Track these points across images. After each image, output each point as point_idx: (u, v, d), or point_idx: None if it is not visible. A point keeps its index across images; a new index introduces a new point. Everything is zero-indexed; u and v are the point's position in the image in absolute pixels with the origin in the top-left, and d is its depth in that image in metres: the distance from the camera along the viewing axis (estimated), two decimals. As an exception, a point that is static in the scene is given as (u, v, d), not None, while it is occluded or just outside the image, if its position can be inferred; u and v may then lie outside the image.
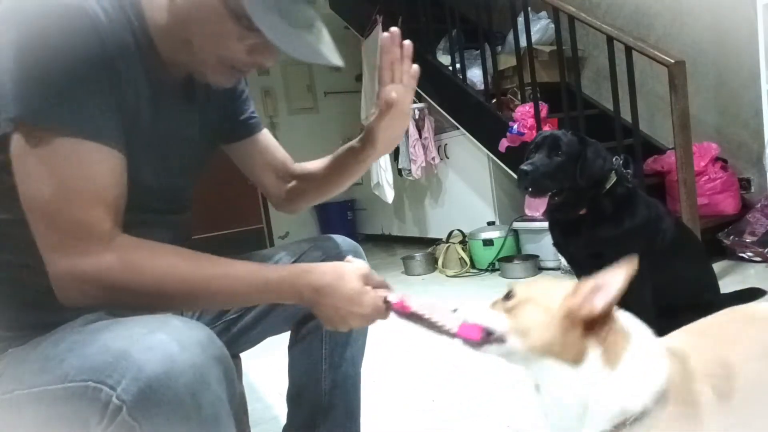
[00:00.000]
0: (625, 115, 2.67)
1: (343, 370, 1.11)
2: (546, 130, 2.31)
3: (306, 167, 1.14)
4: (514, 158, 3.09)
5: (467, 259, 3.35)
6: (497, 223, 3.49)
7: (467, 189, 3.76)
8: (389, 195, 3.95)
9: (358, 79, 4.45)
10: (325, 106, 5.52)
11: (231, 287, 0.76)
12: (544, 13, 3.52)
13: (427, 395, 1.66)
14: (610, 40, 2.56)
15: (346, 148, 1.06)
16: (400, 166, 3.97)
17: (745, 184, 3.00)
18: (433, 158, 3.80)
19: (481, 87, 3.47)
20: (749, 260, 2.64)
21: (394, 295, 0.81)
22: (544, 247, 3.09)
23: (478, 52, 3.50)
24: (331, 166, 1.09)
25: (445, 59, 3.73)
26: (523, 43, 3.10)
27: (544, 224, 2.82)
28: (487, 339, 0.73)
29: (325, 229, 5.20)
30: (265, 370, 1.65)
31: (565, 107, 2.90)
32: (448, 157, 3.84)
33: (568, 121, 2.87)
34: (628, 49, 2.49)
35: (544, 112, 2.95)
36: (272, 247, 1.14)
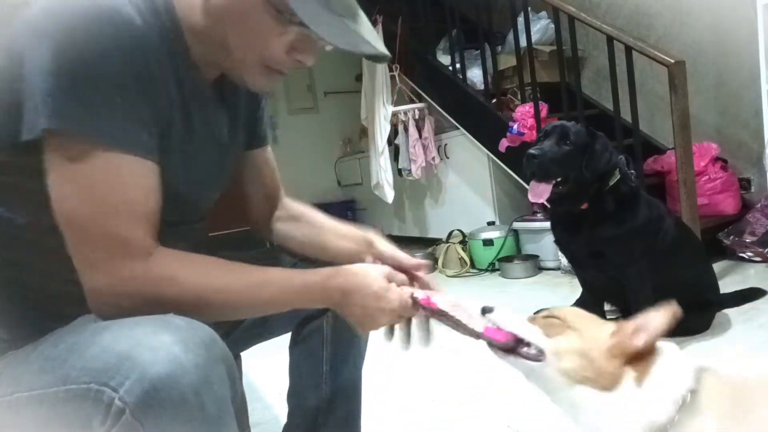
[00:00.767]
0: (625, 115, 2.67)
1: (345, 371, 1.10)
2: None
3: (299, 209, 1.11)
4: (514, 158, 3.09)
5: (467, 259, 3.35)
6: (497, 223, 3.49)
7: (467, 189, 3.75)
8: (389, 195, 3.95)
9: (358, 79, 4.44)
10: (325, 106, 5.51)
11: (269, 295, 0.77)
12: (544, 13, 3.52)
13: (427, 395, 1.66)
14: (610, 40, 2.56)
15: (346, 249, 1.02)
16: (400, 166, 3.96)
17: (745, 184, 3.00)
18: (433, 158, 3.80)
19: (481, 87, 3.47)
20: (749, 260, 2.64)
21: (421, 292, 0.83)
22: (544, 247, 3.09)
23: (478, 52, 3.50)
24: (321, 247, 1.05)
25: (445, 59, 3.72)
26: (523, 43, 3.10)
27: (545, 224, 2.82)
28: (519, 347, 0.76)
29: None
30: (265, 370, 1.65)
31: (565, 107, 2.90)
32: (448, 157, 3.84)
33: (568, 121, 2.86)
34: (628, 49, 2.49)
35: (544, 112, 2.95)
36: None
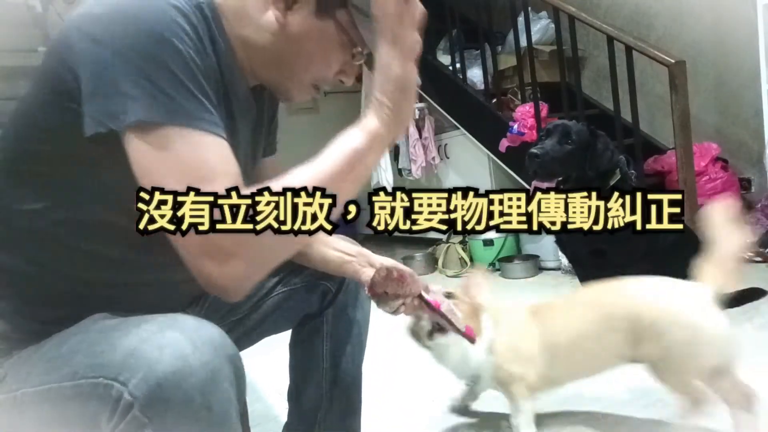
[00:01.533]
0: (626, 115, 2.67)
1: (344, 368, 1.11)
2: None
3: None
4: (514, 158, 3.09)
5: (467, 259, 3.35)
6: (497, 223, 3.48)
7: (467, 189, 3.75)
8: (389, 195, 3.95)
9: (358, 79, 4.44)
10: (325, 106, 5.50)
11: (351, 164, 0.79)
12: (544, 13, 3.52)
13: (427, 395, 1.66)
14: (611, 40, 2.56)
15: (344, 263, 1.04)
16: (400, 166, 3.96)
17: (745, 184, 3.00)
18: (433, 158, 3.80)
19: (481, 87, 3.47)
20: (749, 260, 2.64)
21: (431, 295, 1.02)
22: (544, 247, 3.09)
23: (478, 52, 3.50)
24: (318, 261, 1.05)
25: (445, 59, 3.73)
26: (523, 43, 3.10)
27: (545, 224, 2.82)
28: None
29: (325, 229, 5.18)
30: (266, 370, 1.65)
31: (565, 107, 2.90)
32: (448, 157, 3.84)
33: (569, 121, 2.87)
34: (629, 49, 2.49)
35: (544, 112, 2.95)
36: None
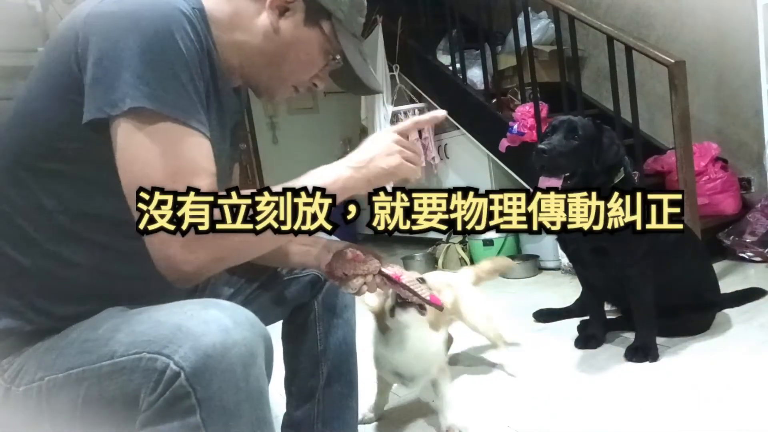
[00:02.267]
0: (625, 115, 2.67)
1: (339, 349, 1.16)
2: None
3: None
4: (514, 158, 3.09)
5: (467, 259, 3.35)
6: (497, 223, 3.48)
7: (467, 189, 3.75)
8: (389, 195, 3.95)
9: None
10: (325, 106, 5.51)
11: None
12: (544, 13, 3.52)
13: (427, 395, 1.66)
14: (610, 40, 2.56)
15: (304, 253, 1.06)
16: (400, 166, 3.96)
17: (745, 184, 3.00)
18: (433, 158, 3.80)
19: (481, 87, 3.47)
20: (749, 260, 2.64)
21: (388, 269, 1.00)
22: (544, 247, 3.09)
23: (478, 52, 3.49)
24: (280, 257, 1.07)
25: (445, 59, 3.72)
26: (523, 43, 3.10)
27: (545, 224, 2.82)
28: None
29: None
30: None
31: (565, 107, 2.90)
32: (448, 157, 3.84)
33: (569, 121, 2.87)
34: (628, 49, 2.49)
35: (544, 112, 2.95)
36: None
